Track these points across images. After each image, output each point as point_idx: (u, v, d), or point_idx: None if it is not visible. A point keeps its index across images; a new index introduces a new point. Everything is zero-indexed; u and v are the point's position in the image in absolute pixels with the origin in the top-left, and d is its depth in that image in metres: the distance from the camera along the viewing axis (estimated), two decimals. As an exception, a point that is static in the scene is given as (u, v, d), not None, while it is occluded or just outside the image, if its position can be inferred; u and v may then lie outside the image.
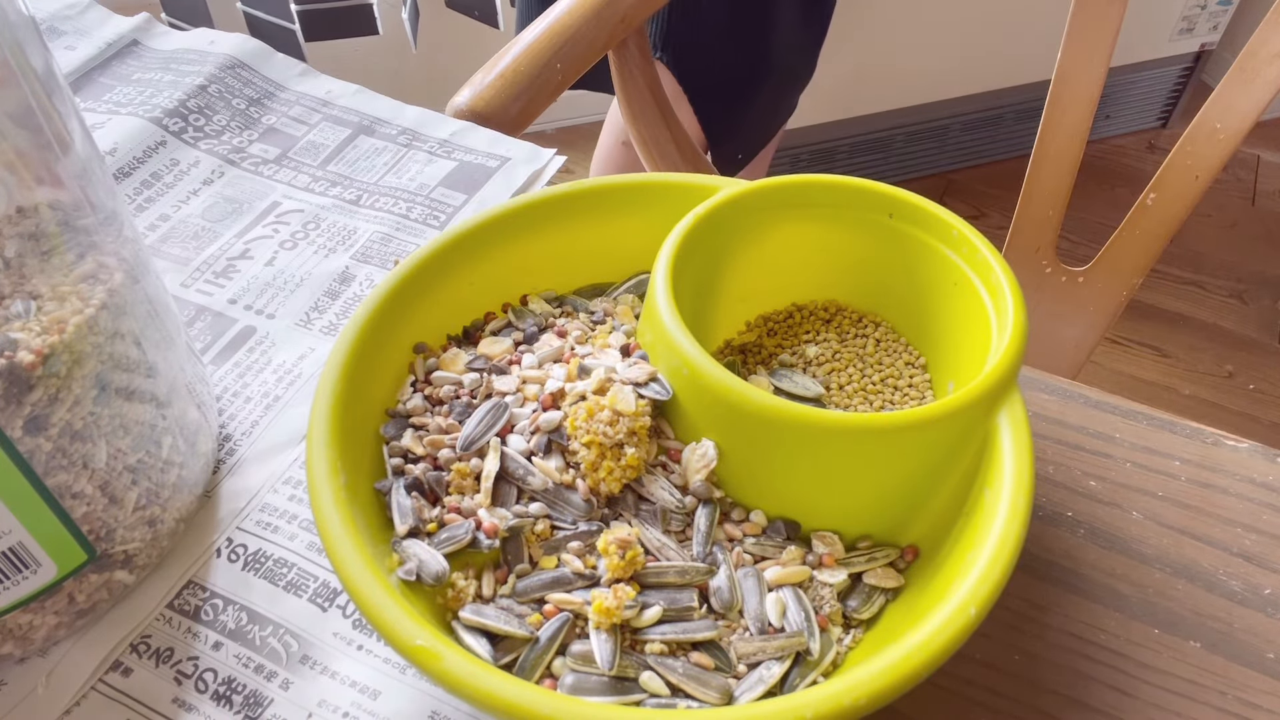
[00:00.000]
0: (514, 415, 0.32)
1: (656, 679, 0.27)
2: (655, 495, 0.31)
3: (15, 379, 0.27)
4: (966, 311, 0.34)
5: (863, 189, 0.36)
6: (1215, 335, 1.51)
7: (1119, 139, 1.86)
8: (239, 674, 0.32)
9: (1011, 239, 0.74)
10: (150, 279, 0.34)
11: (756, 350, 0.38)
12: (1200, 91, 1.81)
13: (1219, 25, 1.71)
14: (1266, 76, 0.62)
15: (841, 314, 0.39)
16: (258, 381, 0.42)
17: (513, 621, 0.28)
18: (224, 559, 0.35)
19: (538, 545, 0.30)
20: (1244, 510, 0.37)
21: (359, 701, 0.32)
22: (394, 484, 0.31)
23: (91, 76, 0.56)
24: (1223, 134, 0.64)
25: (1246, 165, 1.80)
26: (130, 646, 0.33)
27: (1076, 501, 0.37)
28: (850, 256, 0.37)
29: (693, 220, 0.34)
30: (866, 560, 0.31)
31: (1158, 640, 0.33)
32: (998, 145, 1.78)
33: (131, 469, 0.32)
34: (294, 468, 0.38)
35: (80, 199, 0.30)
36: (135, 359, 0.32)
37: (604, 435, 0.30)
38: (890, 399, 0.36)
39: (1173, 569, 0.35)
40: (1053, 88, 0.69)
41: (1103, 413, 0.40)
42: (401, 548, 0.29)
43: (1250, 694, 0.32)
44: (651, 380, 0.32)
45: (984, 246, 0.33)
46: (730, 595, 0.29)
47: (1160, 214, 0.68)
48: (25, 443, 0.27)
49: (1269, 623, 0.34)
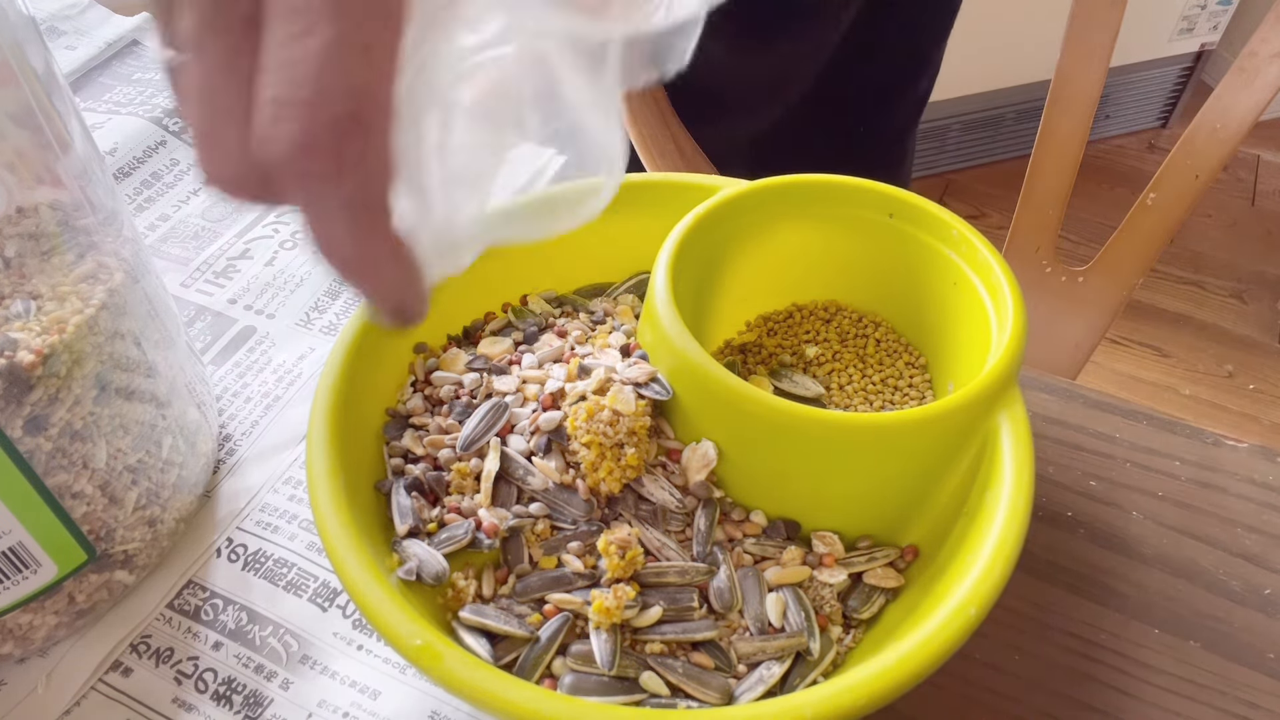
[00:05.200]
0: (514, 415, 0.32)
1: (656, 679, 0.27)
2: (655, 495, 0.31)
3: (15, 379, 0.27)
4: (966, 311, 0.34)
5: (863, 189, 0.36)
6: (1215, 335, 1.51)
7: (1119, 139, 1.86)
8: (239, 674, 0.32)
9: (1011, 239, 0.74)
10: (150, 279, 0.34)
11: (756, 350, 0.38)
12: (1200, 91, 1.81)
13: (1219, 25, 1.71)
14: (1266, 76, 0.62)
15: (841, 314, 0.39)
16: (258, 381, 0.42)
17: (513, 621, 0.28)
18: (224, 559, 0.35)
19: (538, 545, 0.30)
20: (1244, 510, 0.37)
21: (359, 701, 0.32)
22: (394, 484, 0.31)
23: (91, 76, 0.56)
24: (1223, 134, 0.64)
25: (1246, 165, 1.80)
26: (130, 646, 0.33)
27: (1076, 501, 0.37)
28: (850, 256, 0.37)
29: (693, 220, 0.34)
30: (866, 560, 0.31)
31: (1158, 640, 0.33)
32: (998, 145, 1.77)
33: (131, 469, 0.32)
34: (294, 468, 0.38)
35: (80, 199, 0.30)
36: (135, 359, 0.32)
37: (604, 435, 0.30)
38: (890, 399, 0.36)
39: (1173, 569, 0.35)
40: (1053, 88, 0.69)
41: (1103, 413, 0.40)
42: (401, 548, 0.29)
43: (1250, 694, 0.32)
44: (651, 380, 0.32)
45: (984, 246, 0.33)
46: (730, 595, 0.29)
47: (1160, 214, 0.68)
48: (25, 443, 0.27)
49: (1269, 623, 0.34)
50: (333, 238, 0.18)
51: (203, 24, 0.17)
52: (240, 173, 0.18)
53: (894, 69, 0.70)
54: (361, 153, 0.17)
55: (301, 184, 0.17)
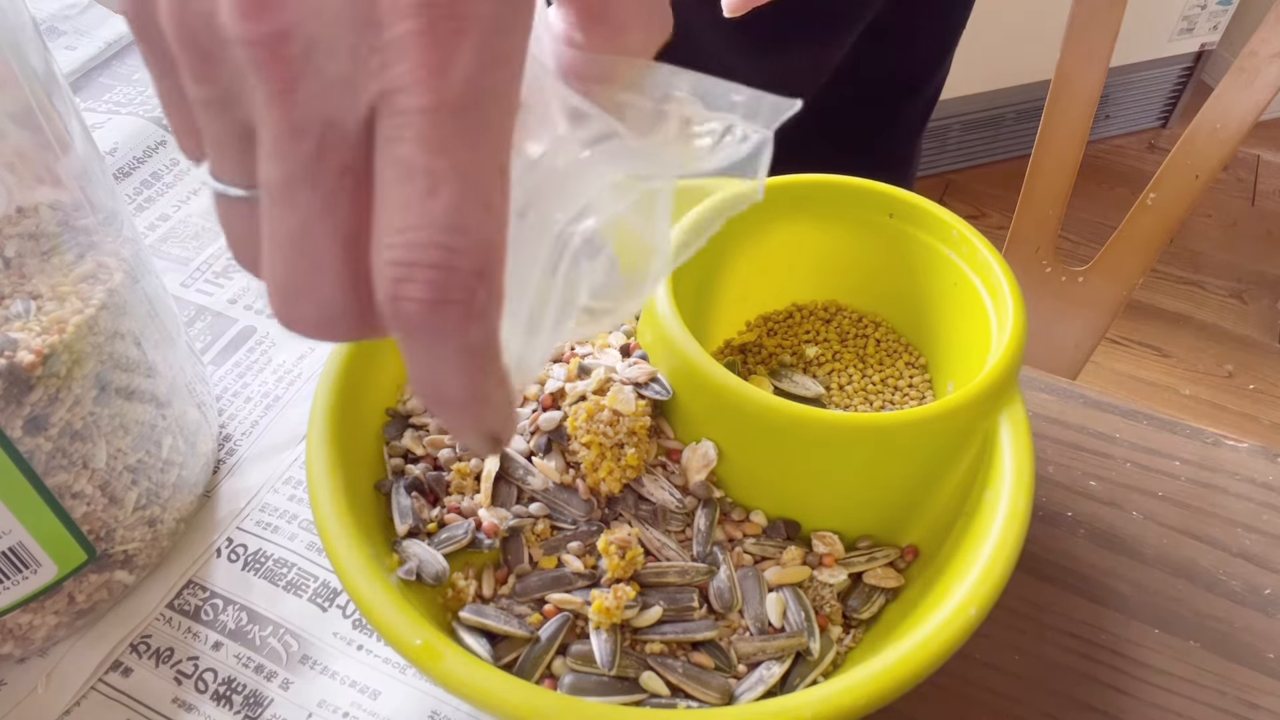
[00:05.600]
0: (514, 415, 0.32)
1: (656, 679, 0.27)
2: (655, 495, 0.31)
3: (15, 379, 0.27)
4: (966, 311, 0.34)
5: (863, 189, 0.36)
6: (1215, 335, 1.51)
7: (1119, 139, 1.86)
8: (239, 674, 0.32)
9: (1011, 239, 0.74)
10: (150, 279, 0.34)
11: (756, 350, 0.38)
12: (1200, 91, 1.81)
13: (1219, 25, 1.71)
14: (1266, 76, 0.62)
15: (841, 314, 0.39)
16: (258, 381, 0.42)
17: (513, 621, 0.28)
18: (224, 559, 0.35)
19: (538, 545, 0.30)
20: (1244, 510, 0.37)
21: (359, 701, 0.32)
22: (394, 484, 0.31)
23: (91, 76, 0.56)
24: (1223, 134, 0.64)
25: (1246, 165, 1.80)
26: (130, 646, 0.33)
27: (1076, 501, 0.37)
28: (850, 256, 0.37)
29: (693, 220, 0.34)
30: (866, 560, 0.31)
31: (1158, 640, 0.33)
32: (998, 145, 1.77)
33: (131, 469, 0.32)
34: (294, 468, 0.38)
35: (80, 199, 0.30)
36: (135, 359, 0.32)
37: (604, 435, 0.30)
38: (890, 399, 0.36)
39: (1173, 569, 0.35)
40: (1053, 88, 0.69)
41: (1103, 413, 0.40)
42: (401, 548, 0.29)
43: (1250, 694, 0.32)
44: (651, 380, 0.32)
45: (984, 246, 0.33)
46: (730, 595, 0.29)
47: (1160, 214, 0.68)
48: (25, 443, 0.27)
49: (1269, 623, 0.34)
50: (446, 381, 0.17)
51: (298, 174, 0.17)
52: (330, 321, 0.18)
53: (908, 69, 0.70)
54: (487, 304, 0.17)
55: (424, 338, 0.17)
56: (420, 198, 0.16)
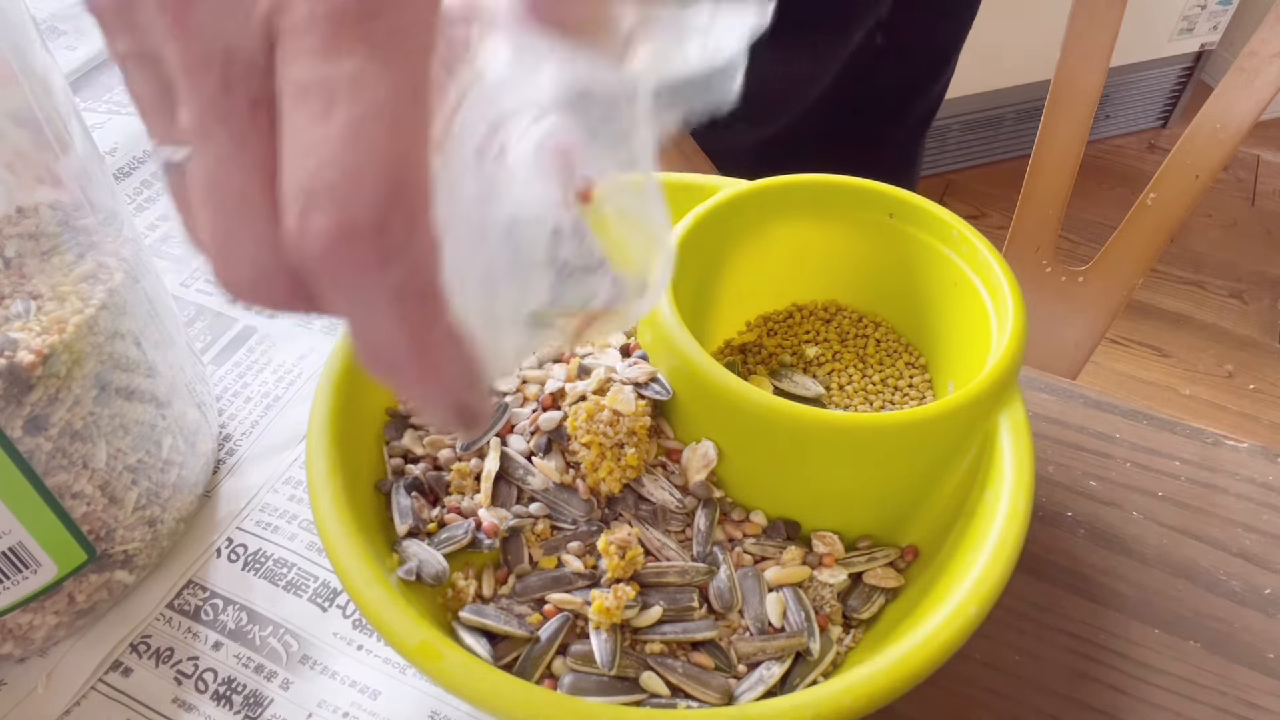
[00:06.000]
0: (514, 415, 0.32)
1: (656, 679, 0.27)
2: (655, 495, 0.31)
3: (15, 379, 0.27)
4: (966, 311, 0.34)
5: (863, 189, 0.36)
6: (1215, 335, 1.51)
7: (1119, 139, 1.86)
8: (239, 674, 0.32)
9: (1011, 239, 0.74)
10: (150, 279, 0.34)
11: (756, 350, 0.38)
12: (1200, 91, 1.81)
13: (1219, 25, 1.71)
14: (1266, 76, 0.62)
15: (841, 314, 0.39)
16: (258, 381, 0.42)
17: (513, 621, 0.28)
18: (224, 559, 0.35)
19: (538, 545, 0.30)
20: (1244, 510, 0.37)
21: (359, 701, 0.32)
22: (394, 484, 0.31)
23: (91, 76, 0.56)
24: (1223, 134, 0.64)
25: (1246, 165, 1.80)
26: (130, 646, 0.33)
27: (1076, 501, 0.37)
28: (850, 256, 0.37)
29: (693, 220, 0.34)
30: (866, 560, 0.31)
31: (1158, 640, 0.33)
32: (998, 145, 1.77)
33: (131, 469, 0.32)
34: (294, 468, 0.38)
35: (80, 199, 0.30)
36: (135, 359, 0.32)
37: (604, 435, 0.30)
38: (890, 399, 0.36)
39: (1173, 569, 0.35)
40: (1053, 88, 0.69)
41: (1103, 413, 0.40)
42: (401, 548, 0.29)
43: (1250, 694, 0.32)
44: (651, 380, 0.32)
45: (984, 246, 0.33)
46: (730, 595, 0.29)
47: (1160, 214, 0.68)
48: (25, 443, 0.28)
49: (1269, 623, 0.34)
50: (383, 339, 0.16)
51: (206, 110, 0.15)
52: (266, 278, 0.16)
53: (915, 71, 0.69)
54: (407, 231, 0.15)
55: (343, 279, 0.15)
56: (316, 118, 0.14)
